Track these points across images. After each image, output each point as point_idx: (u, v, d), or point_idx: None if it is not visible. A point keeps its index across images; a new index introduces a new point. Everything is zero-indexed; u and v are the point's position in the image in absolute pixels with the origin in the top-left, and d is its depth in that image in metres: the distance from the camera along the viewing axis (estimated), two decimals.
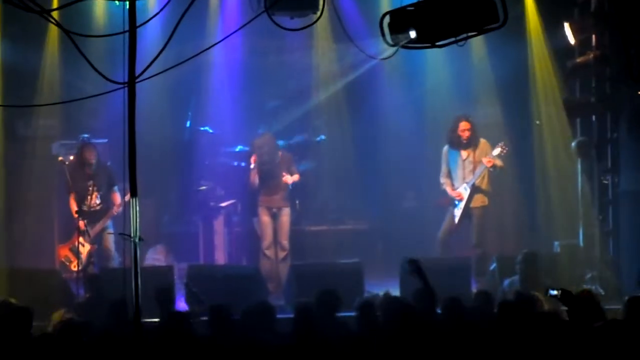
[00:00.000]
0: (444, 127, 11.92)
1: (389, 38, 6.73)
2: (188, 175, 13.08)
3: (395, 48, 7.08)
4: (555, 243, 11.67)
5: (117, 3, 8.95)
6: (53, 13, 5.93)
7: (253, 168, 11.62)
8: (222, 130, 13.12)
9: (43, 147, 12.31)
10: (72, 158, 11.74)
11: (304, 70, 13.37)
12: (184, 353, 6.42)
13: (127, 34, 4.94)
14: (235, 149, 12.95)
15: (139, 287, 4.85)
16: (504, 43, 11.96)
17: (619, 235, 11.35)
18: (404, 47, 6.81)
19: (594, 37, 11.31)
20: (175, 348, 6.46)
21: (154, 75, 5.50)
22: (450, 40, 6.56)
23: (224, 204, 12.79)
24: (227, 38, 7.14)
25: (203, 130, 13.09)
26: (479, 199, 11.60)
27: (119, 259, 11.31)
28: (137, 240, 4.90)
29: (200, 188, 12.83)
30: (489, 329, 6.76)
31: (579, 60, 11.48)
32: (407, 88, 13.24)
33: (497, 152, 11.53)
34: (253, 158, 11.65)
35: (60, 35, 11.95)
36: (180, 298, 9.94)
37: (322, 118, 13.73)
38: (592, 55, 11.30)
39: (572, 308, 6.60)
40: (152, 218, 12.59)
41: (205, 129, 13.10)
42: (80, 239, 11.07)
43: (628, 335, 6.18)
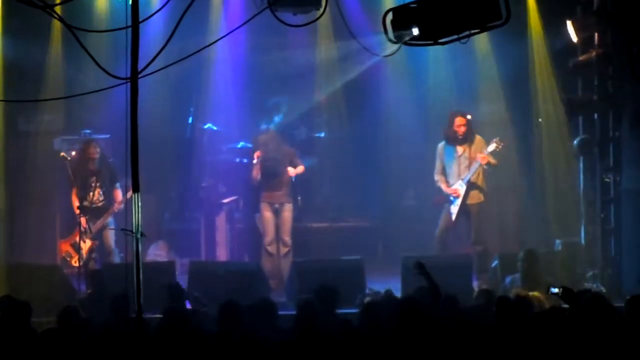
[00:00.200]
0: (446, 124, 11.90)
1: (392, 35, 6.71)
2: (190, 172, 13.08)
3: (398, 45, 7.06)
4: (557, 241, 11.67)
5: None
6: (56, 8, 5.93)
7: (256, 163, 11.59)
8: (224, 127, 13.11)
9: (45, 142, 12.28)
10: (74, 154, 11.71)
11: (306, 67, 13.35)
12: (187, 349, 6.42)
13: (129, 30, 4.93)
14: (237, 146, 12.93)
15: (141, 282, 4.84)
16: (507, 40, 11.96)
17: (621, 234, 11.33)
18: (407, 44, 6.79)
19: (597, 35, 11.30)
20: (178, 344, 6.46)
21: (157, 71, 5.50)
22: (453, 38, 6.55)
23: (226, 200, 12.78)
24: (229, 34, 7.12)
25: (205, 127, 13.09)
26: (475, 196, 11.56)
27: (120, 255, 11.32)
28: (139, 236, 4.89)
29: (204, 184, 12.84)
30: (490, 327, 6.76)
31: (582, 59, 11.48)
32: (409, 85, 13.24)
33: (492, 147, 11.40)
34: (257, 154, 11.61)
35: (63, 31, 11.92)
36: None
37: (324, 115, 13.73)
38: (594, 54, 11.30)
39: (573, 306, 6.60)
40: (154, 214, 12.58)
41: (208, 126, 13.09)
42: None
43: (629, 334, 6.19)
